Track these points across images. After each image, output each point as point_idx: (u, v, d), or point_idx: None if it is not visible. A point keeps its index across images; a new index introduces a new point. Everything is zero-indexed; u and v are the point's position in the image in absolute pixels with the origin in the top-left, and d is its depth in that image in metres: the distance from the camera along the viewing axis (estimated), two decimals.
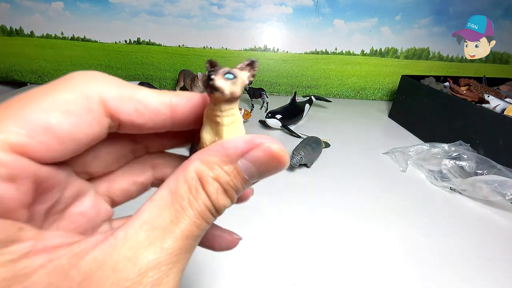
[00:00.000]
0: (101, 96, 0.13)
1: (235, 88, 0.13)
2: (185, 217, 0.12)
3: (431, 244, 0.41)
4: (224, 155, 0.13)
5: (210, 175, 0.13)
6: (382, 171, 0.60)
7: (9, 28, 0.92)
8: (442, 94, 0.71)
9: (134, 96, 0.14)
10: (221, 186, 0.13)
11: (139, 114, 0.14)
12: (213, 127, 0.14)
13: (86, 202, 0.16)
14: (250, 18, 0.96)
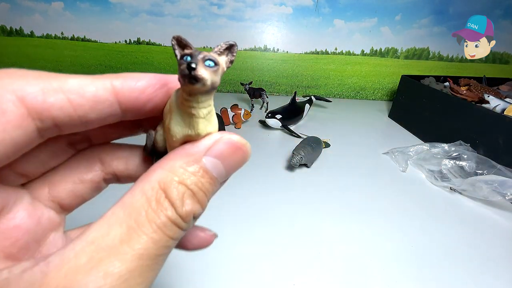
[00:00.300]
0: (17, 94, 0.10)
1: (216, 78, 0.12)
2: (140, 233, 0.10)
3: (431, 244, 0.41)
4: (187, 155, 0.12)
5: (174, 179, 0.12)
6: (382, 171, 0.60)
7: (9, 28, 0.92)
8: (442, 94, 0.71)
9: (64, 86, 0.11)
10: (188, 189, 0.12)
11: (76, 105, 0.11)
12: (185, 118, 0.13)
13: (19, 213, 0.13)
14: (250, 18, 0.96)
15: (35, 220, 0.14)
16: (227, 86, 1.04)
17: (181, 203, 0.12)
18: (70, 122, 0.12)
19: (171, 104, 0.13)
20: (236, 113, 0.72)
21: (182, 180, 0.12)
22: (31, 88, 0.10)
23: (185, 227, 0.12)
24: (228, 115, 0.72)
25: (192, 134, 0.13)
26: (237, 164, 0.13)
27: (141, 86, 0.13)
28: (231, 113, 0.72)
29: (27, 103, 0.10)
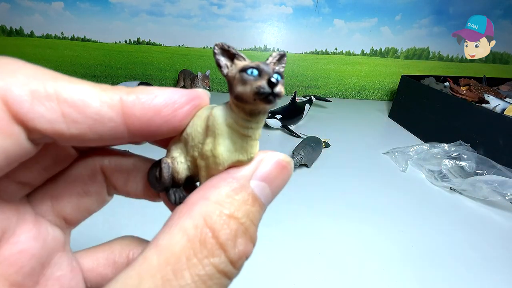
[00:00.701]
0: (3, 94, 0.08)
1: (282, 92, 0.10)
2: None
3: (431, 244, 0.41)
4: (232, 180, 0.10)
5: (224, 213, 0.09)
6: (382, 171, 0.60)
7: (9, 28, 0.92)
8: (442, 94, 0.71)
9: (61, 94, 0.09)
10: (240, 224, 0.10)
11: (70, 121, 0.09)
12: (237, 142, 0.11)
13: (23, 236, 0.11)
14: (250, 18, 0.96)
15: (40, 243, 0.12)
16: (227, 87, 1.04)
17: (233, 243, 0.09)
18: (61, 139, 0.09)
19: (215, 127, 0.11)
20: None
21: (232, 213, 0.10)
22: (19, 90, 0.08)
23: (234, 275, 0.10)
24: None
25: (243, 160, 0.11)
26: (283, 185, 0.12)
27: (158, 105, 0.10)
28: None
29: (11, 107, 0.08)
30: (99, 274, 0.14)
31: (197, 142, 0.11)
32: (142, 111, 0.10)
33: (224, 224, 0.09)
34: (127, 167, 0.14)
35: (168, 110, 0.11)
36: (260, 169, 0.11)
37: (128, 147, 0.14)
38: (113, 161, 0.14)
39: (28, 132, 0.09)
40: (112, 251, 0.14)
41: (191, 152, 0.12)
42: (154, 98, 0.10)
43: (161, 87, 0.11)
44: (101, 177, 0.14)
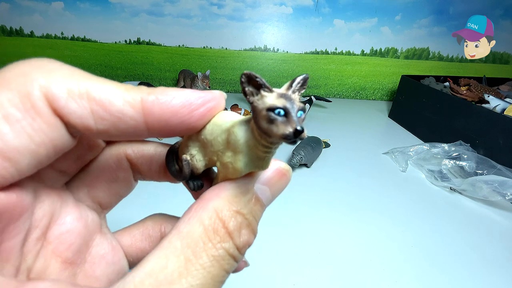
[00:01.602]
0: (44, 91, 0.09)
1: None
2: (198, 267, 0.10)
3: (431, 244, 0.41)
4: (241, 184, 0.12)
5: (232, 209, 0.12)
6: (382, 171, 0.60)
7: (9, 28, 0.92)
8: (442, 94, 0.71)
9: (91, 92, 0.10)
10: (245, 218, 0.12)
11: (97, 118, 0.10)
12: (254, 159, 0.12)
13: (68, 218, 0.13)
14: (250, 18, 0.96)
15: (82, 223, 0.14)
16: (227, 86, 1.04)
17: (238, 233, 0.11)
18: (89, 133, 0.11)
19: (238, 141, 0.11)
20: (236, 113, 0.72)
21: (239, 209, 0.12)
22: (57, 87, 0.09)
23: (239, 259, 0.12)
24: None
25: (257, 171, 0.13)
26: (281, 189, 0.14)
27: (176, 106, 0.11)
28: None
29: (51, 103, 0.09)
30: (138, 248, 0.16)
31: (217, 150, 0.12)
32: (161, 111, 0.11)
33: (232, 217, 0.11)
34: (149, 153, 0.15)
35: (185, 111, 0.11)
36: (263, 175, 0.13)
37: None
38: (136, 148, 0.15)
39: (65, 125, 0.10)
40: (146, 227, 0.16)
41: (210, 155, 0.13)
42: (172, 99, 0.11)
43: (179, 88, 0.12)
44: (126, 164, 0.15)
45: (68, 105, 0.10)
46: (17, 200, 0.10)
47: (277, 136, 0.10)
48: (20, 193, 0.10)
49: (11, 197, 0.10)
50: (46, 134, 0.09)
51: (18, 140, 0.09)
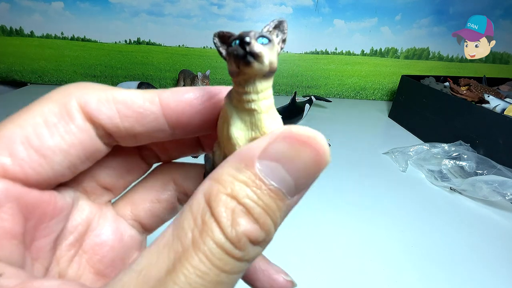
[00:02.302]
0: (79, 100, 0.11)
1: (273, 57, 0.10)
2: (185, 263, 0.09)
3: (431, 244, 0.41)
4: (238, 160, 0.10)
5: (221, 192, 0.09)
6: (382, 171, 0.60)
7: (9, 28, 0.92)
8: (442, 94, 0.71)
9: (116, 97, 0.12)
10: (239, 203, 0.09)
11: (122, 116, 0.12)
12: (246, 119, 0.11)
13: (104, 230, 0.14)
14: (250, 18, 0.96)
15: (118, 237, 0.14)
16: None
17: (230, 222, 0.09)
18: (118, 133, 0.12)
19: (225, 111, 0.11)
20: None
21: (232, 192, 0.09)
22: (89, 97, 0.11)
23: (240, 256, 0.09)
24: None
25: (258, 136, 0.11)
26: (309, 168, 0.10)
27: (188, 98, 0.12)
28: None
29: (85, 109, 0.11)
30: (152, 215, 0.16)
31: (221, 132, 0.12)
32: (176, 103, 0.12)
33: (221, 201, 0.09)
34: (195, 174, 0.16)
35: (198, 101, 0.12)
36: (271, 146, 0.10)
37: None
38: (183, 172, 0.16)
39: (96, 129, 0.11)
40: (152, 189, 0.16)
41: (222, 146, 0.12)
42: (186, 93, 0.12)
43: (189, 87, 0.13)
44: (172, 187, 0.16)
45: (98, 108, 0.11)
46: (49, 200, 0.11)
47: (233, 63, 0.09)
48: (54, 195, 0.12)
49: (44, 196, 0.11)
50: (77, 136, 0.11)
51: (52, 140, 0.10)
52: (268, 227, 0.10)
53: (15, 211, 0.10)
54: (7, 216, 0.10)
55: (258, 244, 0.10)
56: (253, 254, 0.10)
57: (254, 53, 0.09)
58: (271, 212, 0.10)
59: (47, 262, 0.12)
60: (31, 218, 0.11)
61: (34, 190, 0.11)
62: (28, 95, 0.90)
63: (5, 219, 0.10)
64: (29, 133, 0.10)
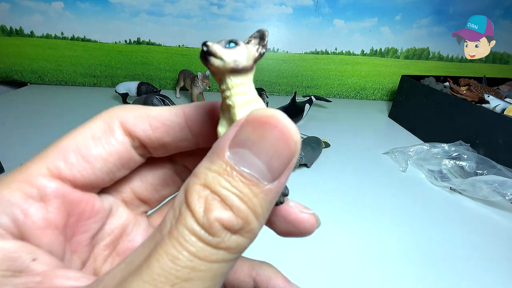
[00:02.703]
0: (120, 119, 0.13)
1: (238, 56, 0.11)
2: (159, 249, 0.09)
3: (431, 244, 0.41)
4: (210, 152, 0.10)
5: (195, 183, 0.10)
6: (382, 171, 0.60)
7: (9, 28, 0.92)
8: (442, 94, 0.71)
9: (149, 114, 0.14)
10: (213, 193, 0.09)
11: (154, 128, 0.14)
12: (226, 116, 0.12)
13: (137, 237, 0.15)
14: (250, 18, 0.96)
15: (131, 219, 0.16)
16: None
17: (202, 209, 0.09)
18: (151, 143, 0.14)
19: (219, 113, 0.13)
20: None
21: (205, 182, 0.09)
22: (128, 115, 0.14)
23: (215, 243, 0.09)
24: None
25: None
26: (276, 147, 0.10)
27: (208, 106, 0.14)
28: None
29: (124, 125, 0.13)
30: None
31: None
32: (197, 114, 0.14)
33: (194, 191, 0.09)
34: None
35: (217, 112, 0.14)
36: (238, 134, 0.10)
37: None
38: None
39: (132, 140, 0.14)
40: None
41: None
42: (206, 104, 0.14)
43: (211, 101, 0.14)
44: None
45: (135, 123, 0.13)
46: (89, 201, 0.13)
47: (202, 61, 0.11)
48: (93, 198, 0.13)
49: (85, 197, 0.13)
50: (115, 147, 0.13)
51: (95, 150, 0.13)
52: (244, 214, 0.09)
53: (60, 206, 0.12)
54: (52, 210, 0.12)
55: (236, 232, 0.10)
56: (232, 243, 0.09)
57: (210, 51, 0.11)
58: (247, 199, 0.09)
59: (84, 256, 0.13)
60: (73, 214, 0.13)
61: (78, 191, 0.13)
62: (28, 95, 0.90)
63: (51, 211, 0.12)
64: (79, 144, 0.12)
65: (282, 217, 0.15)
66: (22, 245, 0.11)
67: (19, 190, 0.11)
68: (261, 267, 0.17)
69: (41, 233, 0.11)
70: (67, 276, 0.11)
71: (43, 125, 0.69)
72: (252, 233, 0.10)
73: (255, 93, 0.12)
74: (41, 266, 0.11)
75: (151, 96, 0.74)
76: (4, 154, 0.53)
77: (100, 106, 0.84)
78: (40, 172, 0.12)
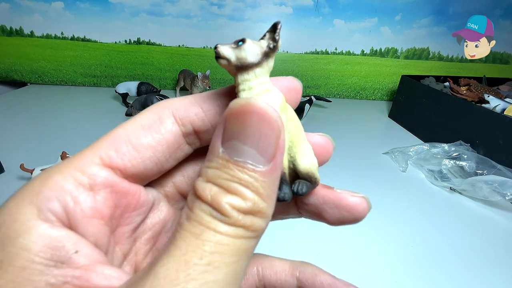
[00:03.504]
0: (171, 108, 0.14)
1: (242, 53, 0.12)
2: (181, 232, 0.10)
3: (431, 244, 0.41)
4: (209, 152, 0.11)
5: (200, 180, 0.11)
6: (382, 171, 0.60)
7: (9, 28, 0.92)
8: (442, 94, 0.71)
9: (199, 101, 0.14)
10: (216, 185, 0.10)
11: (206, 110, 0.14)
12: None
13: (162, 210, 0.16)
14: (250, 18, 0.96)
15: (171, 222, 0.16)
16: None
17: (210, 196, 0.10)
18: (204, 126, 0.14)
19: None
20: None
21: (207, 179, 0.11)
22: (178, 105, 0.14)
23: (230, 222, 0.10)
24: None
25: None
26: (259, 130, 0.10)
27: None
28: None
29: (175, 114, 0.14)
30: None
31: None
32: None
33: (201, 186, 0.10)
34: None
35: None
36: (225, 129, 0.11)
37: None
38: None
39: (184, 128, 0.14)
40: None
41: None
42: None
43: None
44: None
45: (187, 110, 0.14)
46: (135, 193, 0.13)
47: None
48: (139, 190, 0.14)
49: (132, 188, 0.13)
50: (164, 136, 0.13)
51: (145, 139, 0.13)
52: (250, 197, 0.10)
53: (108, 196, 0.12)
54: (100, 199, 0.12)
55: (247, 213, 0.10)
56: (247, 221, 0.10)
57: (218, 53, 0.12)
58: (248, 183, 0.10)
59: (126, 249, 0.14)
60: (119, 205, 0.13)
61: (126, 182, 0.13)
62: (28, 95, 0.90)
63: (99, 201, 0.12)
64: (130, 134, 0.13)
65: (333, 204, 0.15)
66: (67, 234, 0.11)
67: (72, 177, 0.11)
68: (303, 266, 0.18)
69: (88, 222, 0.11)
70: (104, 274, 0.11)
71: (43, 125, 0.69)
72: (263, 213, 0.11)
73: (265, 87, 0.13)
74: (82, 259, 0.11)
75: (151, 96, 0.74)
76: (4, 154, 0.53)
77: (100, 106, 0.85)
78: (93, 161, 0.12)
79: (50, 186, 0.11)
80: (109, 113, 0.79)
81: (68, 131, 0.65)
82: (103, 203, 0.12)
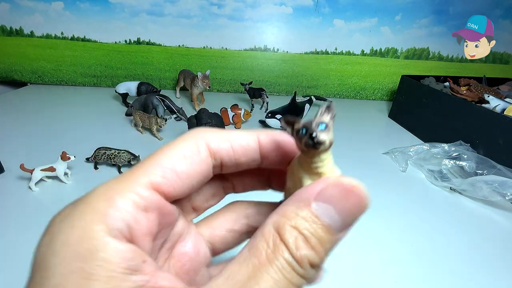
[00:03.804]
0: (206, 141, 0.16)
1: (331, 136, 0.13)
2: (263, 272, 0.12)
3: (431, 244, 0.41)
4: (298, 200, 0.13)
5: (287, 223, 0.12)
6: (382, 171, 0.60)
7: (9, 28, 0.92)
8: (442, 94, 0.71)
9: (230, 138, 0.16)
10: (300, 233, 0.12)
11: (235, 149, 0.16)
12: (308, 170, 0.14)
13: (188, 243, 0.18)
14: (250, 18, 0.96)
15: (196, 251, 0.18)
16: (227, 86, 1.04)
17: (294, 246, 0.12)
18: (229, 162, 0.16)
19: (296, 170, 0.15)
20: (236, 113, 0.72)
21: (295, 225, 0.12)
22: (212, 138, 0.16)
23: (302, 273, 0.12)
24: (228, 115, 0.72)
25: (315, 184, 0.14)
26: (353, 210, 0.13)
27: (277, 139, 0.16)
28: (231, 113, 0.72)
29: (210, 147, 0.16)
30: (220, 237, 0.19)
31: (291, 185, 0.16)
32: (268, 140, 0.17)
33: (287, 230, 0.12)
34: (266, 211, 0.19)
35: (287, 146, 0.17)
36: (324, 191, 0.13)
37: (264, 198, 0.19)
38: (255, 208, 0.19)
39: (215, 160, 0.16)
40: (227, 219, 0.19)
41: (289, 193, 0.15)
42: (274, 136, 0.17)
43: (275, 131, 0.17)
44: (244, 221, 0.19)
45: (220, 146, 0.16)
46: (173, 212, 0.15)
47: (304, 148, 0.13)
48: (175, 209, 0.16)
49: (172, 208, 0.15)
50: (200, 165, 0.15)
51: (185, 167, 0.15)
52: (321, 254, 0.13)
53: (156, 216, 0.14)
54: (152, 219, 0.14)
55: (314, 267, 0.12)
56: (311, 275, 0.12)
57: (319, 141, 0.13)
58: (323, 242, 0.12)
59: (155, 258, 0.15)
60: (162, 223, 0.14)
61: (168, 203, 0.15)
62: (28, 95, 0.90)
63: (151, 220, 0.14)
64: (175, 163, 0.15)
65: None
66: (134, 247, 0.12)
67: (131, 200, 0.13)
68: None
69: (143, 239, 0.13)
70: (168, 278, 0.13)
71: (43, 125, 0.69)
72: (319, 268, 0.13)
73: (332, 158, 0.14)
74: (149, 267, 0.13)
75: (151, 96, 0.74)
76: (4, 154, 0.53)
77: (100, 106, 0.85)
78: (146, 185, 0.13)
79: (115, 207, 0.12)
80: (109, 113, 0.79)
81: (68, 131, 0.65)
82: (153, 222, 0.14)
